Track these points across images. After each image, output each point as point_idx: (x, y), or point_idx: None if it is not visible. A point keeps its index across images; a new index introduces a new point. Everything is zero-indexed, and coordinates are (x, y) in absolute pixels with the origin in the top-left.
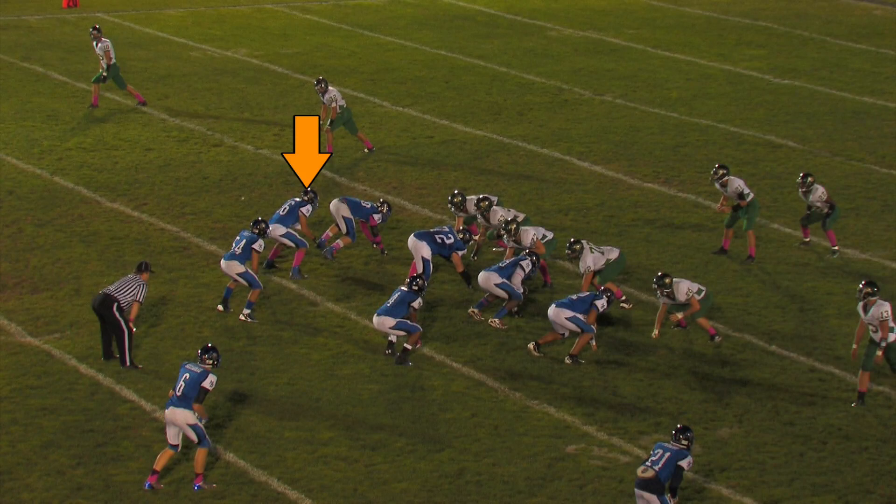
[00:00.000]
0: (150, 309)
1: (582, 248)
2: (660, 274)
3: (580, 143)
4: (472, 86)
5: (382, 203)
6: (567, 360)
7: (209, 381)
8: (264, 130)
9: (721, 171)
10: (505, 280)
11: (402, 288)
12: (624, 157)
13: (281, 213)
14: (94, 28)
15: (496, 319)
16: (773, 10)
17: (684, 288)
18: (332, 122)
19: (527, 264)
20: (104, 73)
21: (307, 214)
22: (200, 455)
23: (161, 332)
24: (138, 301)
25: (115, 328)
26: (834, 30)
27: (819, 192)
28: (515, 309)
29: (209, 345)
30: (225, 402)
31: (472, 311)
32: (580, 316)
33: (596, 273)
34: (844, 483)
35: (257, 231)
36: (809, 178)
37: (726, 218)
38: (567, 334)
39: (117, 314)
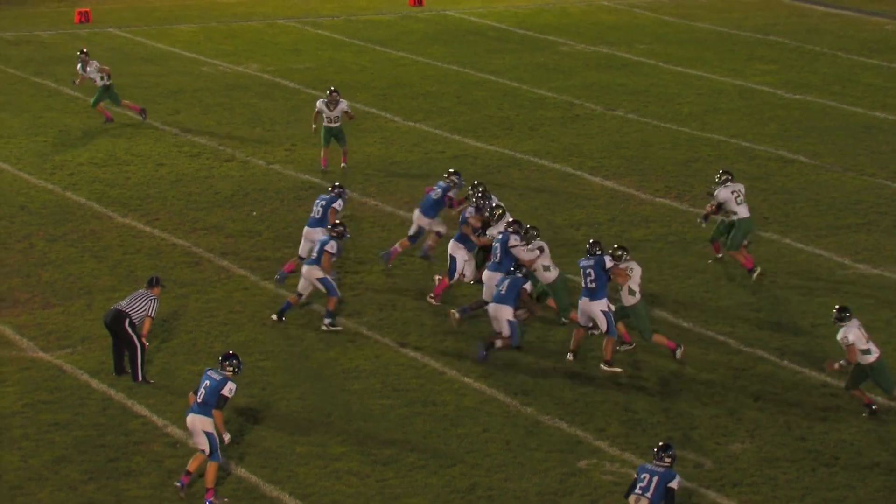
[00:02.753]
0: (162, 324)
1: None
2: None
3: (592, 157)
4: (484, 101)
5: (449, 176)
6: (603, 367)
7: (228, 389)
8: (276, 145)
9: (724, 177)
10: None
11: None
12: (635, 171)
13: (315, 216)
14: (82, 51)
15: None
16: (784, 25)
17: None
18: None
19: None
20: (103, 86)
21: (339, 209)
22: (211, 469)
23: (173, 348)
24: (150, 316)
25: (128, 344)
26: (845, 45)
27: (723, 193)
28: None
29: (230, 352)
30: (237, 417)
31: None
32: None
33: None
34: (857, 498)
35: (335, 234)
36: (725, 176)
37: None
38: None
39: (129, 330)
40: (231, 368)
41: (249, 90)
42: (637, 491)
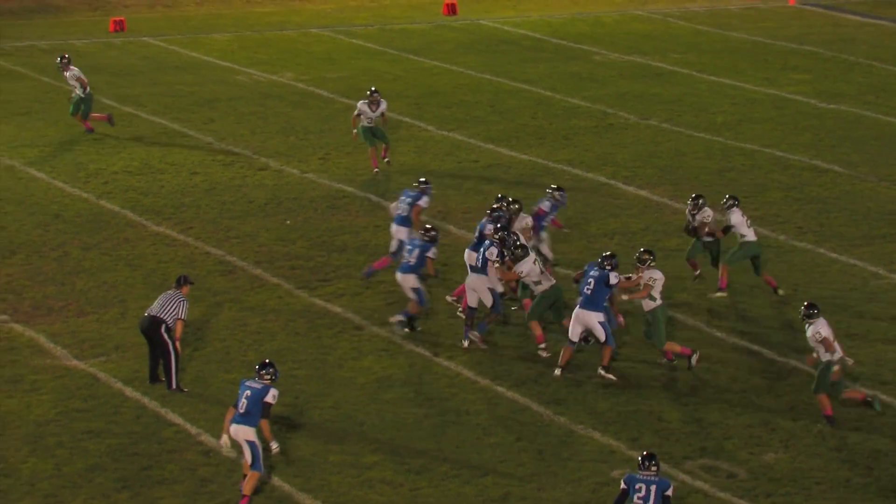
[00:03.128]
0: (195, 332)
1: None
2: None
3: (625, 167)
4: (518, 110)
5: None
6: (601, 372)
7: (271, 396)
8: (310, 154)
9: (731, 202)
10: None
11: (595, 268)
12: (669, 181)
13: (402, 213)
14: (63, 57)
15: (477, 335)
16: (818, 35)
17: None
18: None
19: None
20: (80, 97)
21: (424, 206)
22: (252, 478)
23: (206, 356)
24: (181, 319)
25: (163, 351)
26: (880, 54)
27: (707, 213)
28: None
29: (266, 360)
30: (269, 426)
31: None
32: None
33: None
34: None
35: (427, 239)
36: (701, 200)
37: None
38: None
39: (165, 336)
40: (269, 377)
41: (283, 99)
42: (637, 500)
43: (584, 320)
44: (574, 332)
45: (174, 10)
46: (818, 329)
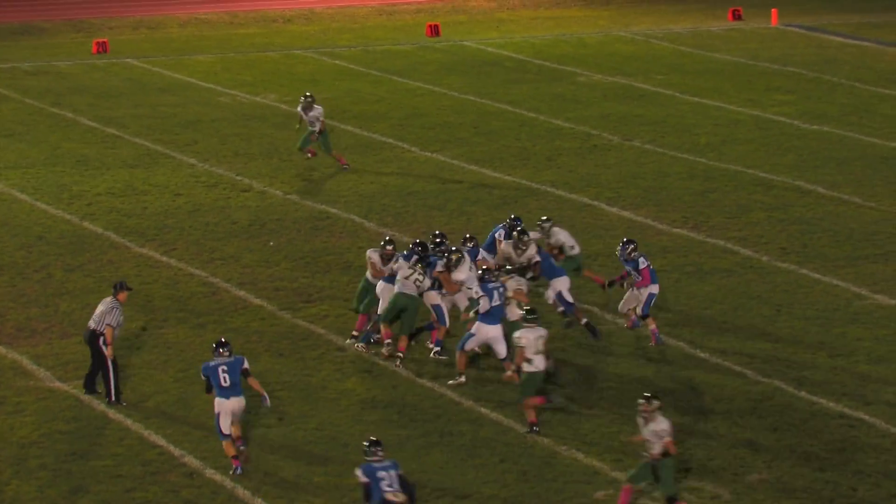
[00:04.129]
0: (179, 354)
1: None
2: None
3: (609, 188)
4: (501, 131)
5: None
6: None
7: (245, 362)
8: (293, 175)
9: (547, 223)
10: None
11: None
12: (653, 202)
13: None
14: None
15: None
16: (802, 56)
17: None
18: (320, 134)
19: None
20: None
21: (499, 238)
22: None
23: (189, 378)
24: (110, 325)
25: (101, 363)
26: (863, 75)
27: (533, 250)
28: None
29: (221, 339)
30: (253, 448)
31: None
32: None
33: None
34: None
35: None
36: (525, 236)
37: None
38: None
39: (102, 348)
40: (227, 352)
41: (267, 120)
42: (386, 489)
43: (486, 334)
44: (476, 343)
45: (157, 31)
46: (522, 335)
